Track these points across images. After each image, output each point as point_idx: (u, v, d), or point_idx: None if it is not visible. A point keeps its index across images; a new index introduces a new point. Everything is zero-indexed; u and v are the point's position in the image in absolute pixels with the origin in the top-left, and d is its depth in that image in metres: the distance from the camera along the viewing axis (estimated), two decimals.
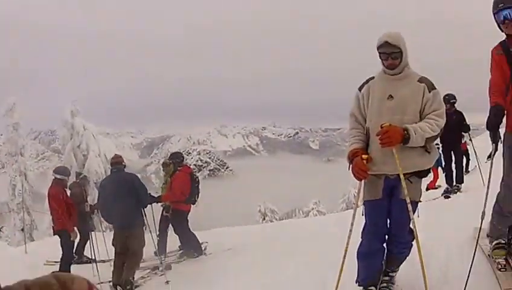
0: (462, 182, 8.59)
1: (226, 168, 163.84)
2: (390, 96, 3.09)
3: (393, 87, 3.12)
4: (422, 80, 3.13)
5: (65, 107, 15.29)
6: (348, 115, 3.37)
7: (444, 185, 9.03)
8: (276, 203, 35.36)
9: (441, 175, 10.09)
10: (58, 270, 6.46)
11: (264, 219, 29.90)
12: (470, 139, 9.84)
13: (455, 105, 8.15)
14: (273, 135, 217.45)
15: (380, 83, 3.21)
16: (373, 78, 3.30)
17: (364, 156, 3.05)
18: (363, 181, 3.19)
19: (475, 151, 9.51)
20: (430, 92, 3.06)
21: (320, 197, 35.09)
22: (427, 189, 10.62)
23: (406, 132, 2.91)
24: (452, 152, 8.34)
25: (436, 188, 10.72)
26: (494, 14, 3.15)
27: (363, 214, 3.32)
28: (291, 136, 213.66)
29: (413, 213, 3.09)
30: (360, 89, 3.31)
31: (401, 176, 2.98)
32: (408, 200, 3.01)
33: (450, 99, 7.92)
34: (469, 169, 11.19)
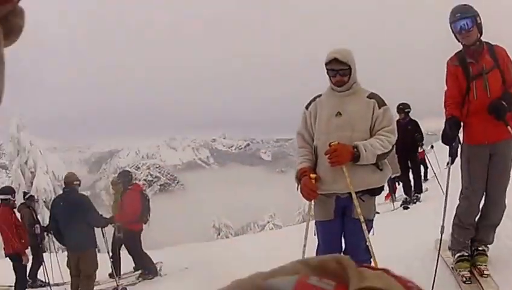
0: (421, 191, 8.52)
1: (177, 182, 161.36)
2: (339, 113, 2.96)
3: (342, 103, 2.99)
4: (372, 96, 3.01)
5: (11, 121, 14.73)
6: (296, 134, 3.21)
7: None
8: (231, 217, 34.83)
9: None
10: None
11: (219, 234, 29.32)
12: (423, 150, 9.77)
13: (409, 114, 8.12)
14: (223, 147, 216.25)
15: (328, 100, 3.07)
16: (320, 95, 3.16)
17: (312, 175, 2.91)
18: (312, 201, 3.04)
19: (436, 160, 9.58)
20: (380, 108, 2.95)
21: (276, 209, 34.70)
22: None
23: (355, 149, 2.78)
24: (409, 162, 8.21)
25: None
26: (450, 24, 3.20)
27: (315, 234, 3.16)
28: (242, 148, 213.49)
29: (369, 232, 2.94)
30: (306, 107, 3.17)
31: (353, 195, 2.85)
32: (362, 219, 2.86)
33: (404, 109, 7.95)
34: (428, 177, 11.16)
